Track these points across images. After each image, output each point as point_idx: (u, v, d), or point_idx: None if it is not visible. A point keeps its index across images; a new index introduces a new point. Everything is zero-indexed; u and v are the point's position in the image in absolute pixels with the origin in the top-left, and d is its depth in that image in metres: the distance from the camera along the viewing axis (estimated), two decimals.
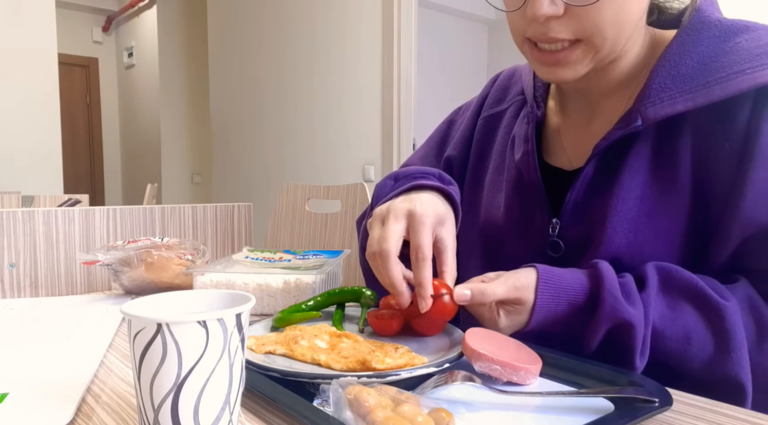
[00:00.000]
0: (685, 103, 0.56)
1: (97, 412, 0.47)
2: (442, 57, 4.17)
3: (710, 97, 0.56)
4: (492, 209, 0.73)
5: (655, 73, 0.59)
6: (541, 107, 0.71)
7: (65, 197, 1.81)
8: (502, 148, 0.75)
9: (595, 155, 0.61)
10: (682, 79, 0.57)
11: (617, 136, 0.59)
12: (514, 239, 0.69)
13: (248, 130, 3.85)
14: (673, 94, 0.57)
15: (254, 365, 0.50)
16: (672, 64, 0.59)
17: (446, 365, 0.50)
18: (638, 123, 0.58)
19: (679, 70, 0.58)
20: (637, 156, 0.60)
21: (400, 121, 2.83)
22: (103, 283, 1.04)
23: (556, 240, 0.65)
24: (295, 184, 1.50)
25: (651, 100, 0.58)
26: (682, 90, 0.57)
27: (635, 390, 0.45)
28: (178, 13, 5.09)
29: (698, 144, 0.58)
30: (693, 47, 0.59)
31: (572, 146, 0.68)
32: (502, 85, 0.81)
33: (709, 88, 0.56)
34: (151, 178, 5.13)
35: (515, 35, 0.62)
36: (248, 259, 0.92)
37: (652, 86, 0.59)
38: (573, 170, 0.66)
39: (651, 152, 0.60)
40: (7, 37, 2.87)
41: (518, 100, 0.77)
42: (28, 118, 2.95)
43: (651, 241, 0.59)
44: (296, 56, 3.39)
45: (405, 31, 2.76)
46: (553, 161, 0.69)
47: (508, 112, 0.77)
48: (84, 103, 5.76)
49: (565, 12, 0.55)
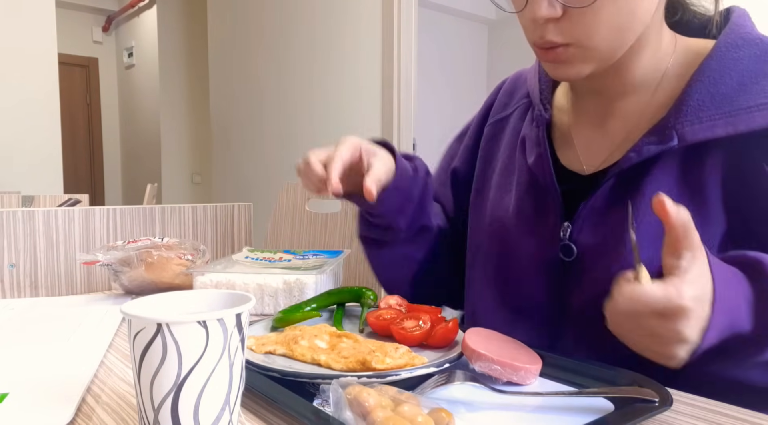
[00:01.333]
0: (725, 128, 0.55)
1: (97, 412, 0.47)
2: (442, 57, 4.17)
3: (751, 125, 0.54)
4: (500, 210, 0.72)
5: (692, 87, 0.57)
6: (548, 109, 0.70)
7: (65, 197, 1.81)
8: (509, 150, 0.75)
9: (622, 167, 0.60)
10: (721, 99, 0.56)
11: (651, 152, 0.57)
12: (524, 241, 0.68)
13: (248, 130, 3.85)
14: (712, 114, 0.56)
15: (254, 365, 0.50)
16: (711, 80, 0.57)
17: (446, 365, 0.50)
18: (674, 142, 0.56)
19: (719, 89, 0.56)
20: (663, 168, 0.58)
21: (400, 121, 2.83)
22: (103, 283, 1.04)
23: (568, 244, 0.64)
24: (295, 184, 1.50)
25: (689, 119, 0.56)
26: (722, 112, 0.55)
27: (635, 390, 0.45)
28: (178, 13, 5.09)
29: (733, 166, 0.56)
30: (733, 65, 0.57)
31: (585, 146, 0.67)
32: (508, 90, 0.81)
33: (751, 115, 0.54)
34: (151, 178, 5.13)
35: (526, 35, 0.61)
36: (248, 259, 0.92)
37: (689, 103, 0.57)
38: (590, 175, 0.65)
39: (679, 166, 0.58)
40: (7, 37, 2.87)
41: (524, 103, 0.76)
42: (28, 118, 2.95)
43: None
44: (296, 56, 3.39)
45: (405, 31, 2.76)
46: (564, 161, 0.68)
47: (514, 115, 0.77)
48: (84, 103, 5.76)
49: (563, 14, 0.55)
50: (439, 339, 0.57)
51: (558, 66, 0.60)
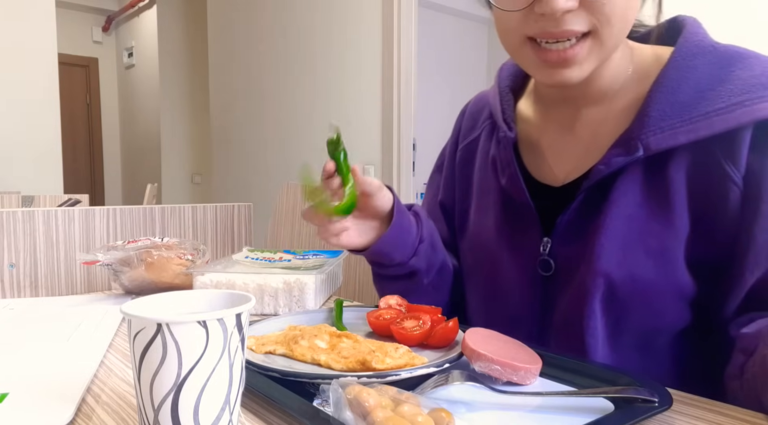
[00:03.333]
0: (687, 135, 0.57)
1: (97, 412, 0.47)
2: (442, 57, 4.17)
3: (711, 130, 0.56)
4: (482, 232, 0.74)
5: (652, 98, 0.59)
6: (512, 128, 0.71)
7: (65, 197, 1.81)
8: (482, 171, 0.76)
9: (593, 181, 0.61)
10: (681, 108, 0.58)
11: (619, 164, 0.59)
12: (507, 259, 0.70)
13: (248, 130, 3.85)
14: (673, 123, 0.57)
15: (254, 365, 0.50)
16: (670, 90, 0.59)
17: (446, 365, 0.50)
18: (640, 153, 0.58)
19: (677, 98, 0.58)
20: (629, 176, 0.60)
21: (400, 121, 2.83)
22: (103, 283, 1.04)
23: (546, 259, 0.65)
24: (295, 184, 1.50)
25: (652, 130, 0.58)
26: (683, 120, 0.57)
27: (635, 390, 0.45)
28: (178, 13, 5.09)
29: (697, 171, 0.58)
30: (690, 73, 0.59)
31: (555, 157, 0.69)
32: (472, 112, 0.83)
33: (710, 120, 0.56)
34: (151, 178, 5.13)
35: (511, 36, 0.60)
36: (248, 259, 0.92)
37: (651, 114, 0.59)
38: (561, 186, 0.66)
39: (644, 173, 0.60)
40: (7, 37, 2.87)
41: (488, 124, 0.78)
42: (28, 118, 2.95)
43: (641, 260, 0.59)
44: (296, 56, 3.39)
45: (405, 31, 2.76)
46: (536, 174, 0.69)
47: (482, 136, 0.79)
48: (84, 103, 5.76)
49: (579, 5, 0.55)
50: (439, 339, 0.57)
51: (560, 70, 0.59)
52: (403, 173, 2.87)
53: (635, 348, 0.61)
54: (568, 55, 0.57)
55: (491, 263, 0.72)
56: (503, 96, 0.74)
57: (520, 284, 0.68)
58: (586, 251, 0.61)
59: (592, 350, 0.61)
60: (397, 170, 2.89)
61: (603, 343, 0.61)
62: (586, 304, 0.61)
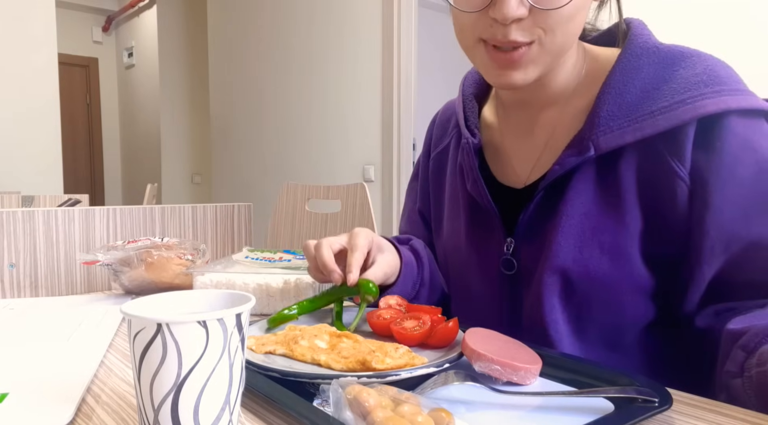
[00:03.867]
0: (633, 133, 0.59)
1: (97, 412, 0.47)
2: (442, 57, 4.17)
3: (656, 128, 0.58)
4: (454, 237, 0.76)
5: (601, 100, 0.61)
6: (476, 134, 0.73)
7: (65, 197, 1.81)
8: (452, 178, 0.79)
9: (549, 181, 0.63)
10: (627, 108, 0.60)
11: (572, 164, 0.62)
12: (475, 261, 0.72)
13: (248, 130, 3.85)
14: (621, 123, 0.60)
15: (254, 365, 0.50)
16: (617, 91, 0.61)
17: (446, 365, 0.50)
18: (591, 152, 0.60)
19: (624, 99, 0.60)
20: (582, 175, 0.62)
21: (400, 121, 2.83)
22: (103, 283, 1.04)
23: (509, 258, 0.68)
24: (295, 184, 1.50)
25: (601, 129, 0.60)
26: (629, 119, 0.60)
27: (635, 390, 0.45)
28: (178, 13, 5.09)
29: (645, 168, 0.60)
30: (635, 74, 0.61)
31: (517, 160, 0.71)
32: (441, 121, 0.85)
33: (654, 119, 0.58)
34: (151, 178, 5.13)
35: (465, 36, 0.63)
36: (248, 259, 0.92)
37: (600, 114, 0.61)
38: (524, 188, 0.69)
39: (597, 172, 0.62)
40: (7, 37, 2.87)
41: (455, 132, 0.80)
42: (28, 118, 2.95)
43: (596, 256, 0.61)
44: (296, 56, 3.39)
45: (405, 31, 2.76)
46: (501, 177, 0.72)
47: (451, 144, 0.81)
48: (84, 103, 5.76)
49: (529, 13, 0.57)
50: (439, 339, 0.57)
51: (506, 72, 0.60)
52: (403, 173, 2.87)
53: (603, 343, 0.63)
54: (514, 57, 0.59)
55: (462, 266, 0.75)
56: (467, 103, 0.77)
57: (488, 285, 0.71)
58: (545, 249, 0.64)
59: (558, 345, 0.63)
60: (397, 170, 2.89)
61: (567, 338, 0.63)
62: (546, 300, 0.63)
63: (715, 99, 0.57)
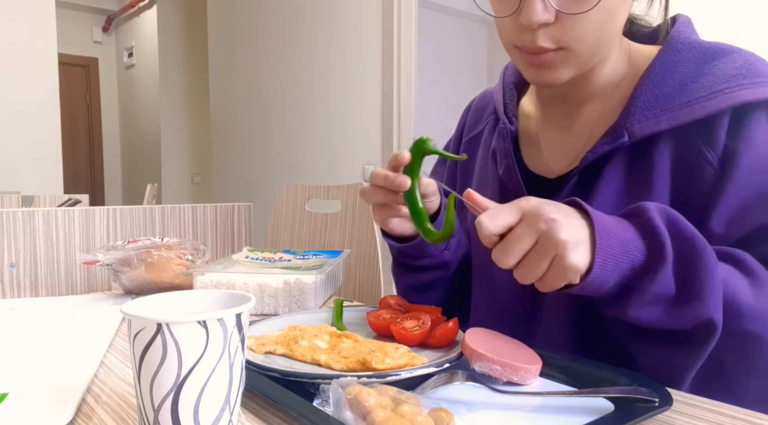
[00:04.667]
0: (669, 121, 0.60)
1: (97, 412, 0.47)
2: (442, 57, 4.17)
3: (692, 116, 0.59)
4: None
5: (639, 91, 0.62)
6: (513, 121, 0.74)
7: (65, 197, 1.81)
8: (483, 163, 0.79)
9: (581, 167, 0.64)
10: (664, 99, 0.61)
11: (605, 150, 0.62)
12: None
13: (248, 130, 3.85)
14: (657, 112, 0.60)
15: (254, 365, 0.50)
16: (655, 83, 0.62)
17: (446, 365, 0.50)
18: (625, 139, 0.61)
19: (662, 90, 0.61)
20: (615, 164, 0.63)
21: (400, 121, 2.83)
22: (103, 283, 1.04)
23: None
24: (295, 184, 1.50)
25: (636, 118, 0.61)
26: (665, 108, 0.60)
27: (635, 390, 0.45)
28: (178, 13, 5.09)
29: (679, 156, 0.61)
30: (674, 67, 0.62)
31: (551, 151, 0.71)
32: (477, 109, 0.86)
33: (691, 108, 0.59)
34: (151, 178, 5.13)
35: (504, 41, 0.64)
36: (248, 259, 0.92)
37: (636, 104, 0.61)
38: (555, 178, 0.69)
39: (629, 160, 0.63)
40: (7, 37, 2.87)
41: (492, 119, 0.81)
42: (28, 118, 2.95)
43: None
44: (296, 56, 3.39)
45: (405, 31, 2.76)
46: (533, 167, 0.72)
47: (485, 131, 0.82)
48: (84, 103, 5.76)
49: (555, 20, 0.57)
50: (439, 339, 0.57)
51: (540, 71, 0.62)
52: None
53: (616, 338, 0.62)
54: (544, 60, 0.60)
55: (484, 250, 0.73)
56: (506, 91, 0.78)
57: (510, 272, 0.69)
58: None
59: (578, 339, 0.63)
60: None
61: (588, 329, 0.63)
62: None
63: (753, 89, 0.57)
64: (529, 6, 0.56)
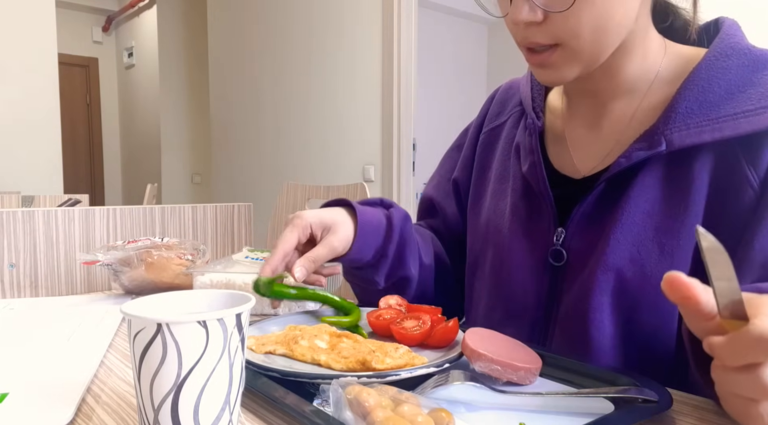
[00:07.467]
0: (712, 133, 0.56)
1: (97, 412, 0.47)
2: (442, 57, 4.17)
3: (737, 131, 0.55)
4: (495, 216, 0.74)
5: (681, 95, 0.59)
6: (540, 117, 0.71)
7: (65, 197, 1.81)
8: (503, 157, 0.76)
9: (613, 173, 0.61)
10: (709, 107, 0.57)
11: (639, 157, 0.59)
12: (517, 246, 0.70)
13: (248, 130, 3.85)
14: (699, 121, 0.57)
15: (254, 365, 0.50)
16: (700, 89, 0.58)
17: (446, 365, 0.50)
18: (662, 147, 0.58)
19: (707, 97, 0.58)
20: (650, 172, 0.60)
21: (400, 121, 2.83)
22: (103, 283, 1.04)
23: (558, 249, 0.65)
24: (295, 184, 1.50)
25: (677, 126, 0.58)
26: (709, 118, 0.57)
27: (635, 390, 0.45)
28: (178, 13, 5.09)
29: (719, 170, 0.58)
30: (722, 74, 0.58)
31: (578, 148, 0.69)
32: (501, 99, 0.83)
33: (737, 121, 0.56)
34: (151, 178, 5.13)
35: (515, 41, 0.63)
36: (248, 259, 0.92)
37: (678, 110, 0.58)
38: (581, 179, 0.66)
39: (665, 170, 0.60)
40: (7, 37, 2.87)
41: (517, 111, 0.78)
42: (28, 117, 2.95)
43: (654, 257, 0.58)
44: (296, 56, 3.39)
45: (405, 31, 2.77)
46: (558, 165, 0.69)
47: (508, 123, 0.79)
48: (84, 103, 5.76)
49: (545, 18, 0.56)
50: (439, 339, 0.57)
51: (544, 70, 0.61)
52: (403, 173, 2.87)
53: (639, 347, 0.61)
54: (543, 59, 0.59)
55: (501, 248, 0.72)
56: (534, 85, 0.75)
57: (529, 273, 0.68)
58: (599, 244, 0.61)
59: (597, 344, 0.61)
60: (397, 170, 2.89)
61: (609, 338, 0.61)
62: (594, 297, 0.60)
63: None
64: (515, 6, 0.56)
